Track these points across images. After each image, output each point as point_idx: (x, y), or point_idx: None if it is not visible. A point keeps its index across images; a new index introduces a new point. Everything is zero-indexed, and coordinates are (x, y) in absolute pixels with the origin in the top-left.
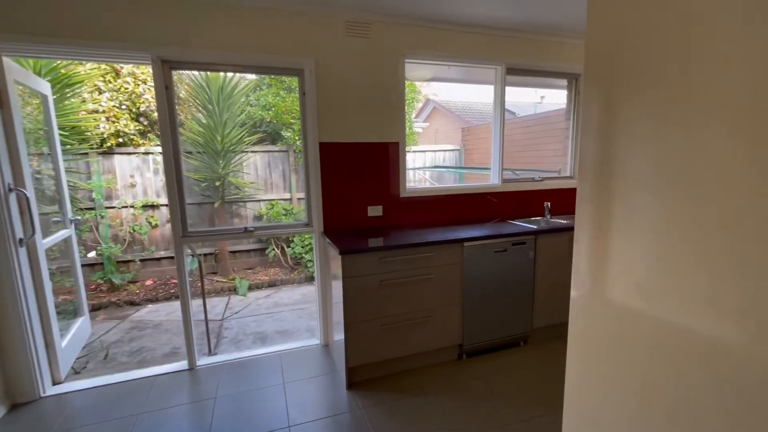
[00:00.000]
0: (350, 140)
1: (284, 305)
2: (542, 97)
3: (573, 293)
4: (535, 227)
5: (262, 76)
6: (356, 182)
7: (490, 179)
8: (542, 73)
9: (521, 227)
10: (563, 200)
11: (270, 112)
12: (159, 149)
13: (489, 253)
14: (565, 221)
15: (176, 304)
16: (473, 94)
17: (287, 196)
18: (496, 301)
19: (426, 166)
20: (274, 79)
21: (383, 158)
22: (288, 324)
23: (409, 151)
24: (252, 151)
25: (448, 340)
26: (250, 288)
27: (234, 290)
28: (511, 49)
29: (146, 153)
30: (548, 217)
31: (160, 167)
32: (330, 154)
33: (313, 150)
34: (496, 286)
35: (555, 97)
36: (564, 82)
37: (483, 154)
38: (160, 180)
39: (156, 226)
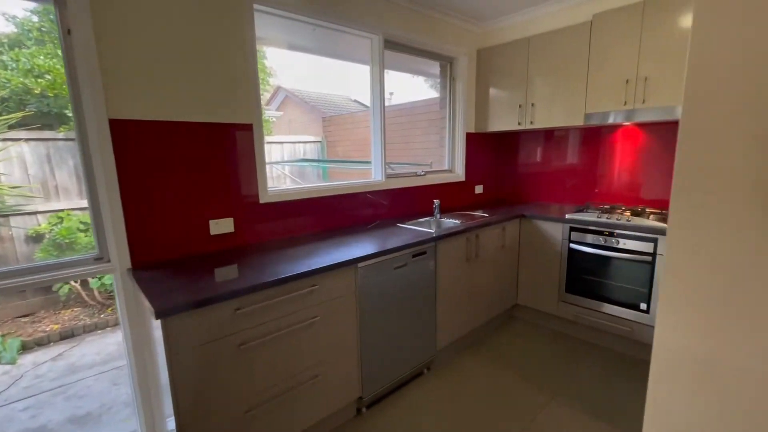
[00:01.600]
0: (170, 118)
1: (86, 368)
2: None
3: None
4: (432, 231)
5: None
6: (186, 183)
7: (371, 175)
8: (422, 53)
9: (418, 233)
10: (448, 196)
11: (41, 81)
12: None
13: (388, 270)
14: (457, 220)
15: None
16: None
17: (85, 203)
18: (397, 329)
19: (286, 159)
20: (48, 34)
21: (230, 147)
22: (91, 401)
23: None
24: (12, 139)
25: (344, 398)
26: (26, 348)
27: None
28: (390, 16)
29: None
30: (438, 216)
31: None
32: (135, 140)
33: (97, 132)
34: (397, 310)
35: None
36: (436, 69)
37: (348, 146)
38: None
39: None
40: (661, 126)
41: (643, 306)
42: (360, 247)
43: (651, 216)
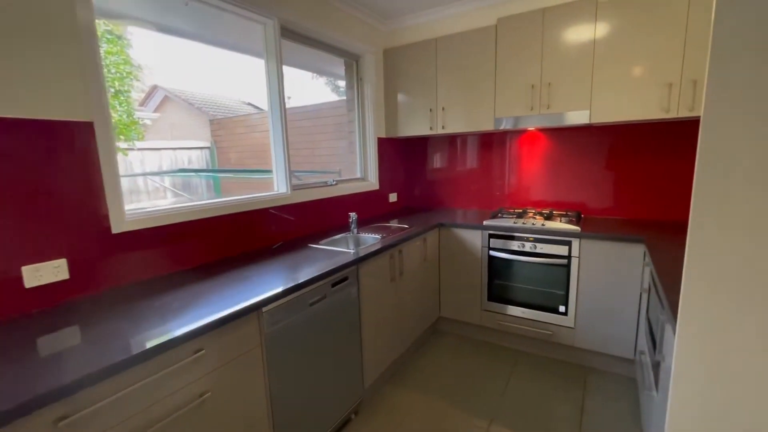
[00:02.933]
0: None
1: None
2: (289, 98)
3: None
4: (352, 251)
5: None
6: None
7: (274, 186)
8: (325, 47)
9: (335, 255)
10: (363, 206)
11: None
12: None
13: (303, 308)
14: (376, 235)
15: None
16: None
17: None
18: (316, 378)
19: (164, 170)
20: None
21: (54, 155)
22: None
23: (132, 149)
24: None
25: None
26: None
27: None
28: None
29: None
30: (355, 231)
31: None
32: None
33: None
34: (315, 355)
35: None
36: (341, 69)
37: (243, 153)
38: None
39: None
40: (564, 131)
41: (562, 308)
42: (264, 283)
43: (560, 219)
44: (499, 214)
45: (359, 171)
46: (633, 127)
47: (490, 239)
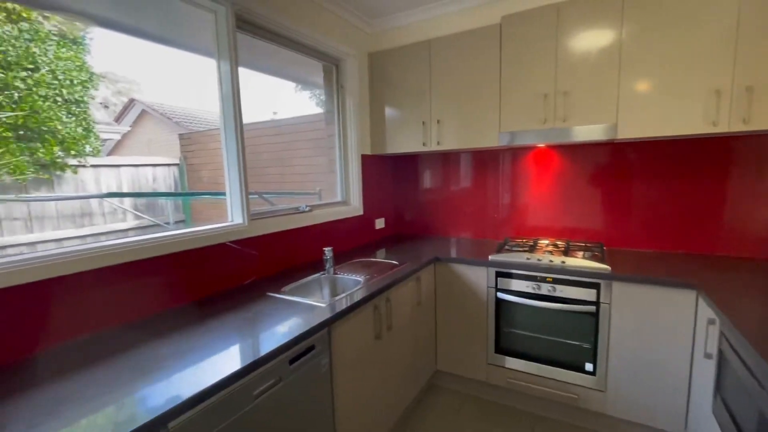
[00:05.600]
0: None
1: None
2: (275, 113)
3: None
4: (323, 304)
5: None
6: None
7: (229, 216)
8: (295, 45)
9: (301, 309)
10: (343, 236)
11: None
12: None
13: (241, 407)
14: (358, 276)
15: None
16: (196, 98)
17: None
18: None
19: (122, 189)
20: None
21: None
22: None
23: (83, 165)
24: None
25: None
26: None
27: None
28: None
29: None
30: (331, 270)
31: None
32: None
33: None
34: None
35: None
36: (318, 72)
37: (217, 171)
38: None
39: None
40: (581, 148)
41: (589, 366)
42: (182, 373)
43: (581, 253)
44: (506, 247)
45: (340, 193)
46: (667, 143)
47: (498, 278)
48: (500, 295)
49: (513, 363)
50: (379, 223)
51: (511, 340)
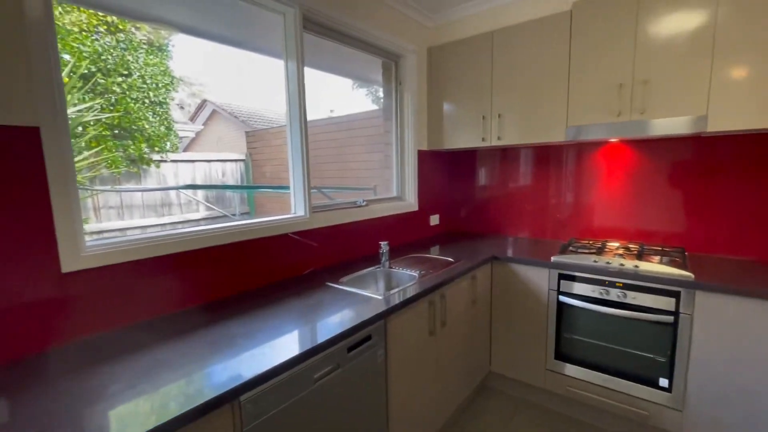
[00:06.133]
0: None
1: None
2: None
3: None
4: (380, 297)
5: None
6: None
7: (291, 208)
8: (357, 42)
9: (358, 302)
10: (398, 231)
11: None
12: None
13: (303, 388)
14: (413, 271)
15: None
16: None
17: None
18: None
19: (196, 182)
20: None
21: None
22: None
23: (164, 160)
24: None
25: None
26: None
27: None
28: None
29: None
30: (387, 264)
31: None
32: None
33: None
34: None
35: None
36: (377, 69)
37: (280, 166)
38: None
39: None
40: (660, 143)
41: (663, 382)
42: (254, 348)
43: (658, 258)
44: (571, 248)
45: (395, 189)
46: (764, 137)
47: (561, 280)
48: (562, 298)
49: (574, 371)
50: (434, 220)
51: (572, 346)
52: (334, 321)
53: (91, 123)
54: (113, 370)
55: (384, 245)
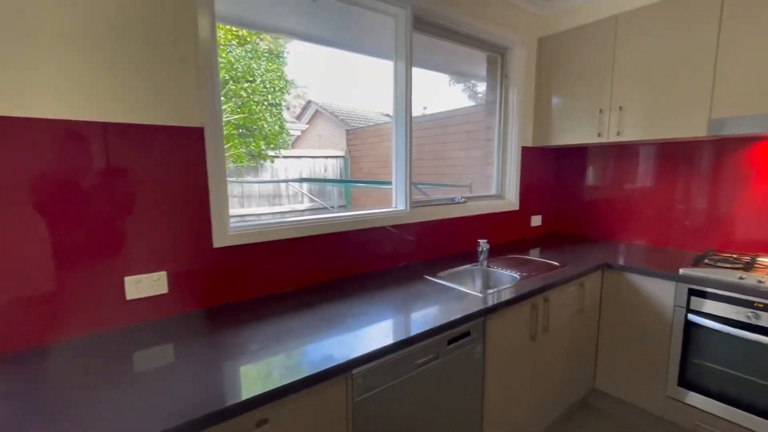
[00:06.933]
0: (56, 116)
1: None
2: (425, 108)
3: None
4: (479, 295)
5: None
6: (84, 213)
7: (392, 202)
8: (464, 38)
9: (456, 297)
10: (496, 230)
11: None
12: None
13: (406, 372)
14: (513, 272)
15: None
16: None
17: None
18: None
19: (302, 176)
20: None
21: (162, 161)
22: None
23: (277, 156)
24: None
25: None
26: None
27: None
28: None
29: None
30: (485, 263)
31: None
32: None
33: None
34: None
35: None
36: (480, 69)
37: (374, 163)
38: None
39: None
40: None
41: None
42: (361, 328)
43: None
44: (707, 260)
45: (495, 187)
46: None
47: (691, 297)
48: (693, 317)
49: (703, 402)
50: (535, 221)
51: (703, 374)
52: (434, 312)
53: (223, 124)
54: (250, 332)
55: (483, 243)
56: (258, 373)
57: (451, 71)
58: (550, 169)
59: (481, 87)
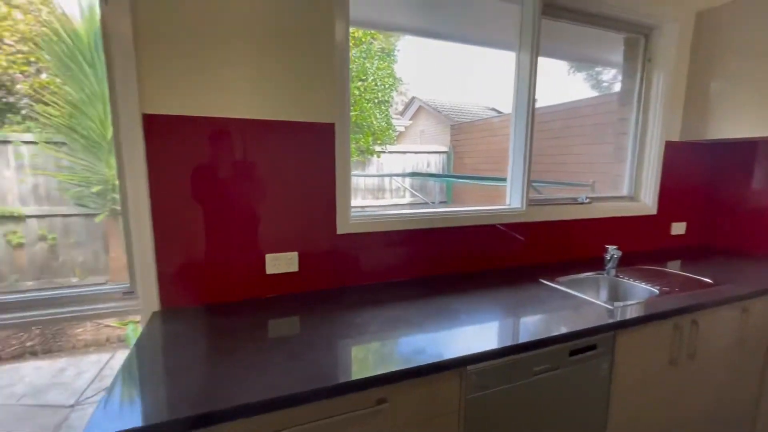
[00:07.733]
0: (218, 114)
1: None
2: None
3: None
4: (608, 306)
5: None
6: (235, 199)
7: (506, 199)
8: (601, 20)
9: (580, 305)
10: (626, 236)
11: None
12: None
13: (522, 377)
14: (649, 285)
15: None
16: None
17: None
18: None
19: (405, 172)
20: None
21: (297, 154)
22: None
23: (383, 151)
24: None
25: None
26: None
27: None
28: None
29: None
30: (612, 272)
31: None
32: (172, 139)
33: (129, 128)
34: None
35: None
36: (614, 54)
37: (478, 159)
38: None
39: (21, 245)
40: None
41: None
42: (473, 325)
43: None
44: None
45: (627, 187)
46: None
47: None
48: None
49: None
50: (677, 228)
51: None
52: (554, 319)
53: None
54: (368, 315)
55: (612, 249)
56: (379, 354)
57: (575, 58)
58: (702, 169)
59: (607, 75)
